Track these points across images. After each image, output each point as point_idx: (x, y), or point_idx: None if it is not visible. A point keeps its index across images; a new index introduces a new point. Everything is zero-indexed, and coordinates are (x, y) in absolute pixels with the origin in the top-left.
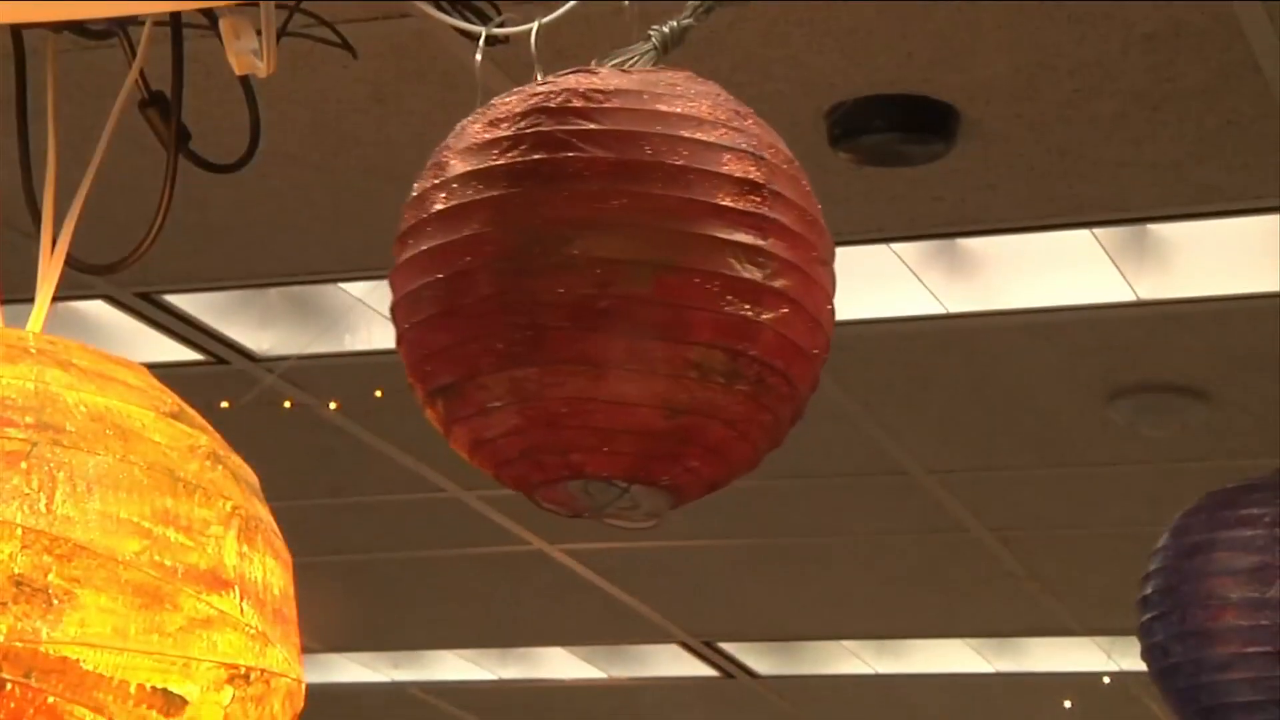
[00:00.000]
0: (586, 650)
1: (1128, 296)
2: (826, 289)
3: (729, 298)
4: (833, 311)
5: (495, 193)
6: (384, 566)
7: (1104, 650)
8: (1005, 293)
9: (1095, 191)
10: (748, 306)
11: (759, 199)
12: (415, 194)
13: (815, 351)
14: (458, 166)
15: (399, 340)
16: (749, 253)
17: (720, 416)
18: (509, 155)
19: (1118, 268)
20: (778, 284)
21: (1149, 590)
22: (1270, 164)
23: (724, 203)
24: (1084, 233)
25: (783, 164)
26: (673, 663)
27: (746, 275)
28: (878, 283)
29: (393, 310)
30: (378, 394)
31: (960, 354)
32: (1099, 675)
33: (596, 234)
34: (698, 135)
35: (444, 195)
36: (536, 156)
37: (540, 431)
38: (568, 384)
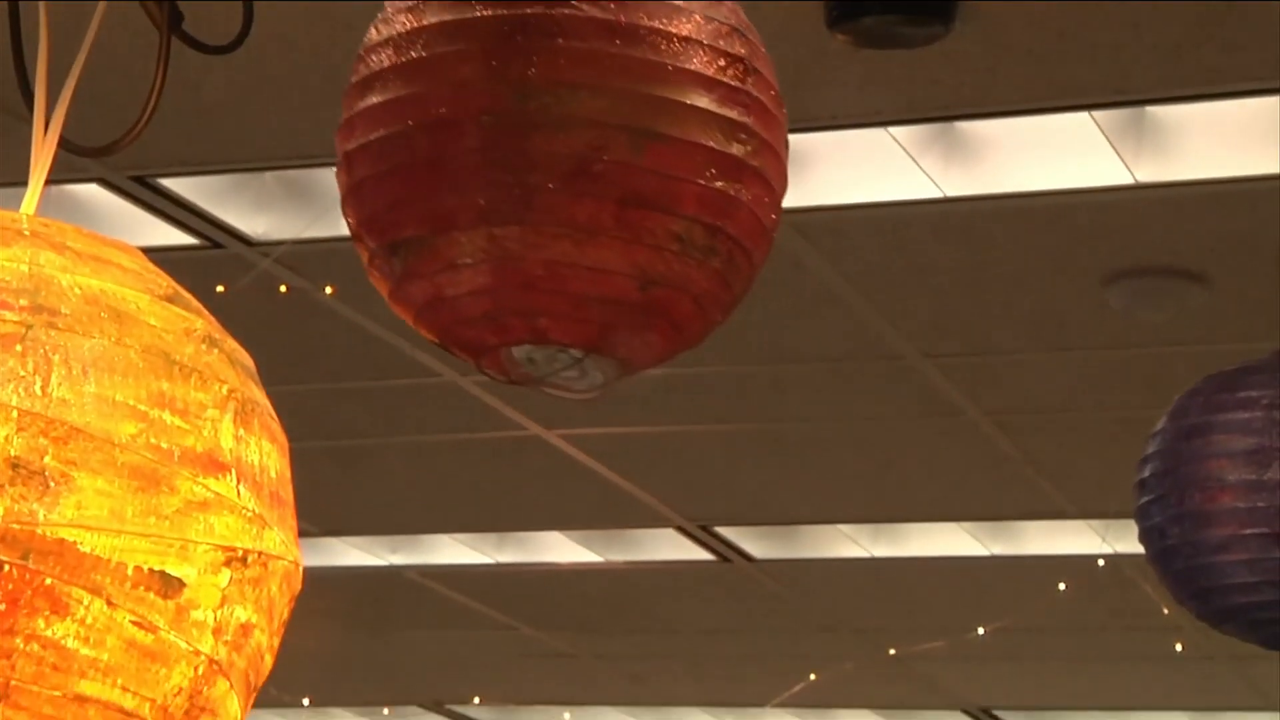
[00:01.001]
0: (583, 534)
1: (1126, 180)
2: (786, 176)
3: (713, 171)
4: (782, 200)
5: (481, 45)
6: (381, 451)
7: (1099, 534)
8: (1003, 177)
9: (1094, 74)
10: (729, 183)
11: (744, 76)
12: (379, 38)
13: (772, 234)
14: (433, 15)
15: (352, 190)
16: (734, 129)
17: (690, 291)
18: (495, 7)
19: (1116, 151)
20: (755, 163)
21: (1146, 473)
22: (1270, 45)
23: (716, 76)
24: (1083, 115)
25: (759, 44)
26: (669, 547)
27: (731, 151)
28: (875, 166)
29: (347, 158)
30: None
31: (957, 238)
32: (1094, 558)
33: (592, 95)
34: (693, 6)
35: (420, 43)
36: (528, 10)
37: (512, 293)
38: (551, 247)
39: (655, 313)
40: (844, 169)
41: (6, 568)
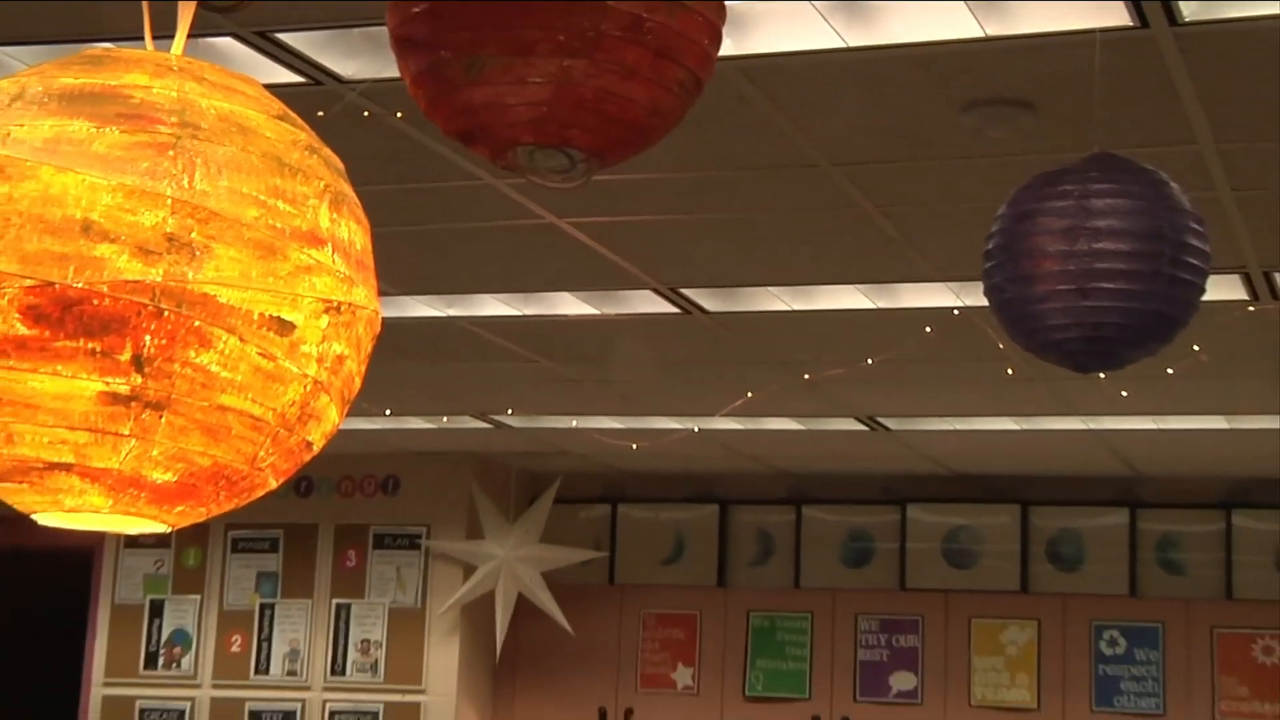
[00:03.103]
0: (586, 294)
1: (979, 33)
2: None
3: (708, 40)
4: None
5: None
6: (439, 234)
7: (955, 293)
8: (890, 31)
9: None
10: (713, 44)
11: None
12: None
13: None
14: None
15: (430, 12)
16: (720, 10)
17: (672, 120)
18: None
19: (972, 12)
20: (721, 28)
21: (990, 246)
22: None
23: None
24: None
25: None
26: (647, 303)
27: (715, 20)
28: (797, 25)
29: None
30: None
31: (857, 77)
32: (951, 309)
33: None
34: None
35: None
36: None
37: (563, 108)
38: (601, 79)
39: (648, 136)
40: (775, 27)
41: (166, 313)
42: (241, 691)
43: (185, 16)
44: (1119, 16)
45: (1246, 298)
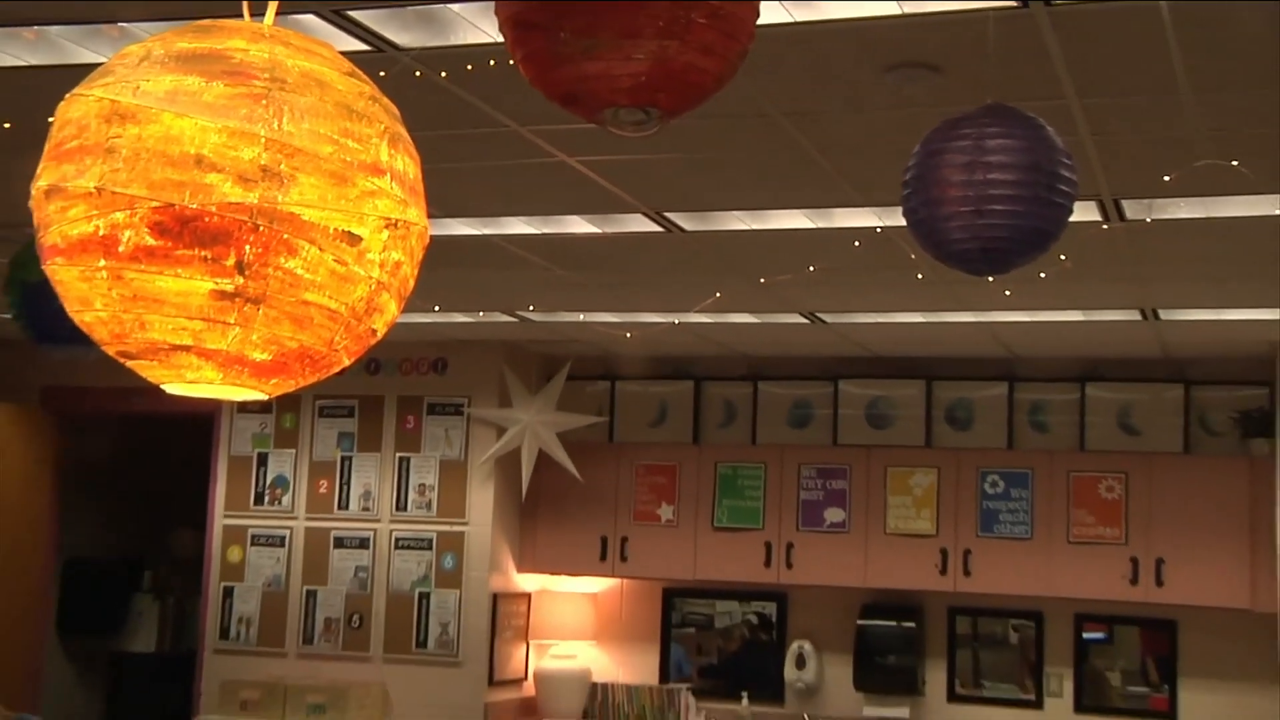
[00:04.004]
0: (590, 216)
1: (898, 11)
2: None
3: (755, 18)
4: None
5: None
6: (475, 169)
7: (878, 216)
8: (829, 9)
9: None
10: (756, 23)
11: None
12: None
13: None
14: None
15: (555, 3)
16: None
17: (726, 83)
18: None
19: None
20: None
21: (907, 177)
22: None
23: None
24: None
25: None
26: (638, 224)
27: (759, 4)
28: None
29: None
30: (469, 67)
31: (802, 46)
32: (875, 228)
33: None
34: None
35: None
36: None
37: (658, 78)
38: (689, 55)
39: (709, 95)
40: None
41: (261, 228)
42: (327, 523)
43: None
44: None
45: (1100, 219)
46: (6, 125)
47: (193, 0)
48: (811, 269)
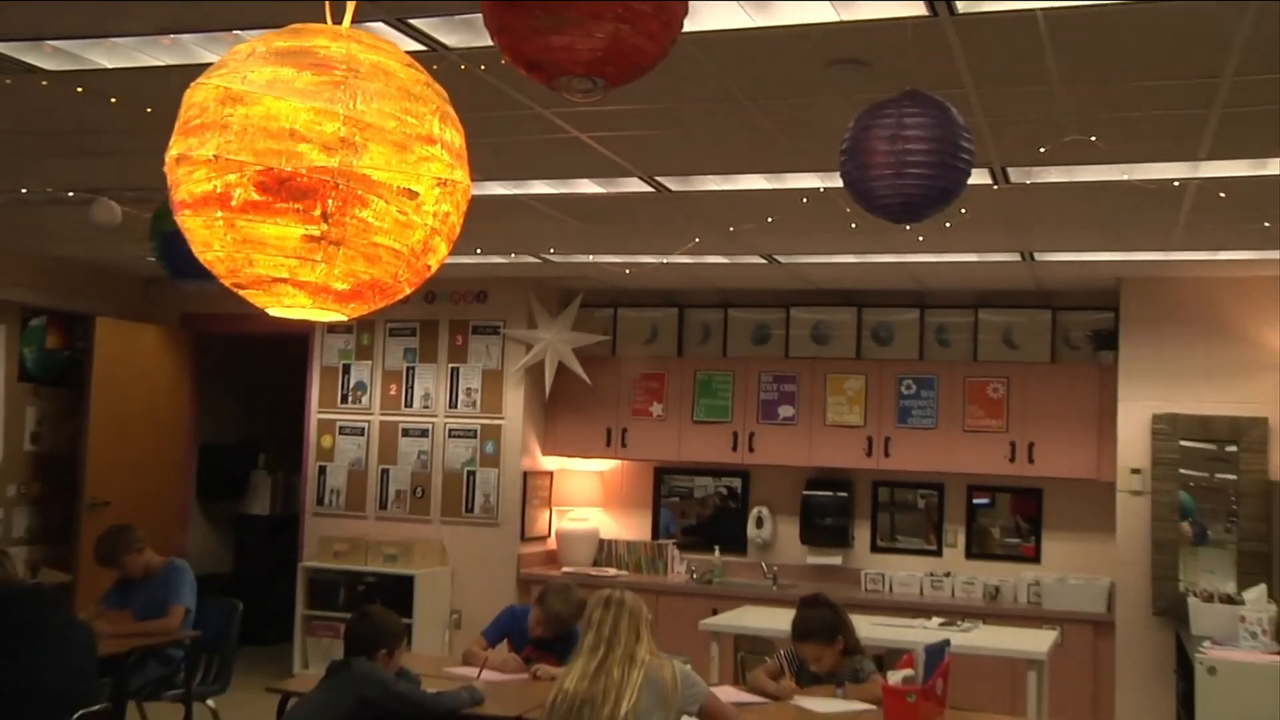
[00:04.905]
0: (598, 179)
1: (838, 18)
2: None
3: (684, 14)
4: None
5: None
6: (508, 143)
7: (821, 179)
8: (784, 15)
9: None
10: (684, 18)
11: None
12: None
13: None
14: None
15: None
16: None
17: (658, 63)
18: None
19: (835, 9)
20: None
21: (843, 148)
22: None
23: None
24: None
25: None
26: (635, 186)
27: (687, 3)
28: (716, 10)
29: None
30: (502, 62)
31: (762, 45)
32: (819, 188)
33: None
34: None
35: None
36: None
37: (613, 55)
38: (641, 37)
39: (645, 72)
40: (712, 15)
41: (340, 186)
42: (396, 417)
43: (350, 8)
44: (921, 9)
45: (991, 182)
46: (149, 110)
47: (287, 2)
48: (769, 220)
